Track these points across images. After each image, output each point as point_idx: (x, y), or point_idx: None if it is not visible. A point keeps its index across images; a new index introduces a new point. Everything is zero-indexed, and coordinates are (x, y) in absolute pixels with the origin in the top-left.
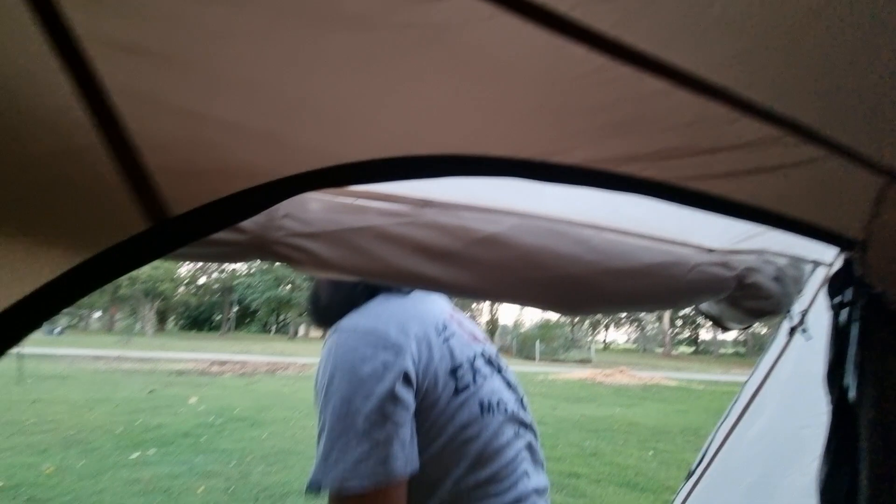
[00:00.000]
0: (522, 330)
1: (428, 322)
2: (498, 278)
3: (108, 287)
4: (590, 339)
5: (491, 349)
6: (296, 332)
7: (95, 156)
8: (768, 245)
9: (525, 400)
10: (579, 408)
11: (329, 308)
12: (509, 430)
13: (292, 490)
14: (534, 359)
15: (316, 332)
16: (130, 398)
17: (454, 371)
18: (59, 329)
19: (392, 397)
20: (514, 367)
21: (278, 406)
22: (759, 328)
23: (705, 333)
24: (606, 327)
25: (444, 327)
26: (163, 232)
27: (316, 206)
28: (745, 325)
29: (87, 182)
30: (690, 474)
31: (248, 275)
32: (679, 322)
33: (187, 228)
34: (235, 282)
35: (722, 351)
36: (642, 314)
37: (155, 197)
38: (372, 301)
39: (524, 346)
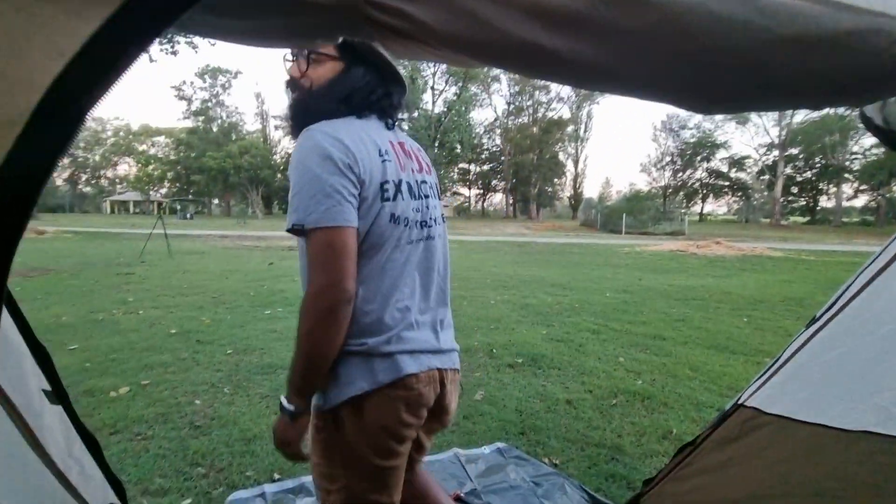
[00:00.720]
0: (608, 203)
1: (372, 142)
2: (632, 51)
3: (219, 177)
4: (683, 210)
5: (428, 179)
6: None
7: None
8: None
9: (436, 224)
10: (667, 278)
11: (306, 118)
12: (406, 235)
13: None
14: (619, 232)
15: None
16: (255, 269)
17: (382, 184)
18: (189, 214)
19: (344, 176)
20: (598, 241)
21: None
22: None
23: (826, 201)
24: (704, 199)
25: (385, 151)
26: None
27: None
28: None
29: None
30: (814, 321)
31: None
32: (794, 189)
33: None
34: None
35: (844, 220)
36: (750, 179)
37: None
38: (338, 119)
39: (609, 219)
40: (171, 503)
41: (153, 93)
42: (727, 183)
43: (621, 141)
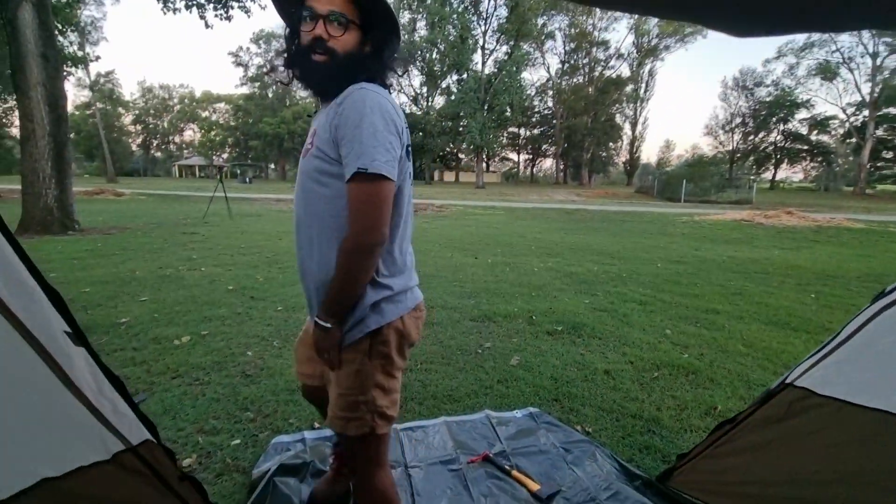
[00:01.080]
0: (668, 168)
1: (400, 108)
2: None
3: (275, 142)
4: (752, 177)
5: None
6: (431, 178)
7: None
8: None
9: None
10: (726, 249)
11: (348, 80)
12: (411, 191)
13: (437, 304)
14: (678, 200)
15: (448, 178)
16: None
17: (407, 146)
18: (248, 178)
19: (398, 138)
20: (654, 209)
21: (421, 240)
22: None
23: None
24: (777, 164)
25: (405, 118)
26: None
27: None
28: None
29: None
30: (882, 295)
31: None
32: (886, 153)
33: None
34: None
35: None
36: (833, 142)
37: None
38: (377, 84)
39: (668, 186)
40: (223, 442)
41: (213, 60)
42: (806, 147)
43: (685, 101)
